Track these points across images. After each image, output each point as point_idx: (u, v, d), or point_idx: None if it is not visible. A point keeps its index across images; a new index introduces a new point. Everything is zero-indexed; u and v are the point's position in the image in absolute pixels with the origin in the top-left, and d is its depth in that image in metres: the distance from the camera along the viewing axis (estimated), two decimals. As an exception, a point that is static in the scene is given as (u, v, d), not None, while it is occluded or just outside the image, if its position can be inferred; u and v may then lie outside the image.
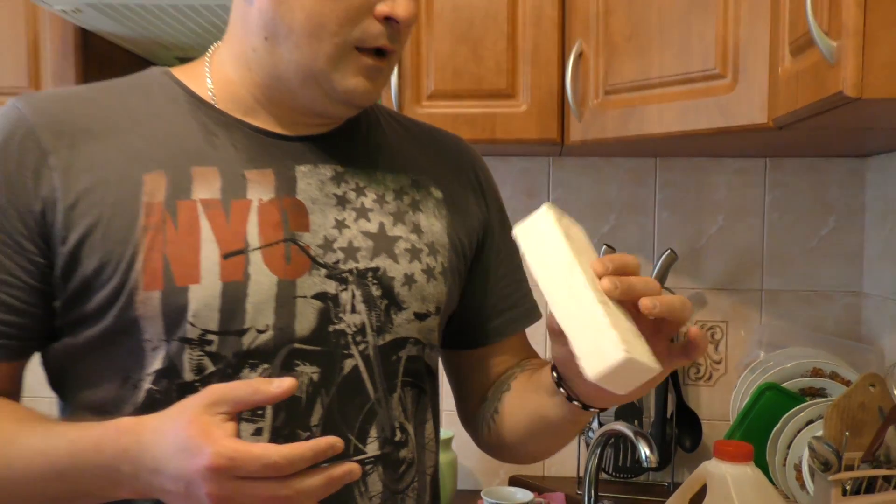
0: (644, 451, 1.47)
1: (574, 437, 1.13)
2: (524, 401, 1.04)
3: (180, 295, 0.88)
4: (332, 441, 0.75)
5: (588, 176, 2.04)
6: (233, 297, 0.89)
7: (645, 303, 0.76)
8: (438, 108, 1.67)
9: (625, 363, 0.72)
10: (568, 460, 1.97)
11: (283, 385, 0.76)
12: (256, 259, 0.90)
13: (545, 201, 1.41)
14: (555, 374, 0.92)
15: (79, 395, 0.94)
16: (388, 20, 0.91)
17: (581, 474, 1.89)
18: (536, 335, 1.18)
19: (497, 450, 1.13)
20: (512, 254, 1.16)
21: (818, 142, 1.70)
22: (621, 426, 1.62)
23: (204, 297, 0.88)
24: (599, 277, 0.78)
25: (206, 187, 0.91)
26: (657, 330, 0.82)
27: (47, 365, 0.97)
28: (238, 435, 0.77)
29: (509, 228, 1.11)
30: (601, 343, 0.74)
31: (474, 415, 1.15)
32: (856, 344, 1.91)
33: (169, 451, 0.77)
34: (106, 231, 0.88)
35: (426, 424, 1.04)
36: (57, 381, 0.98)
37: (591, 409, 0.91)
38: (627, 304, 0.79)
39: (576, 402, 0.90)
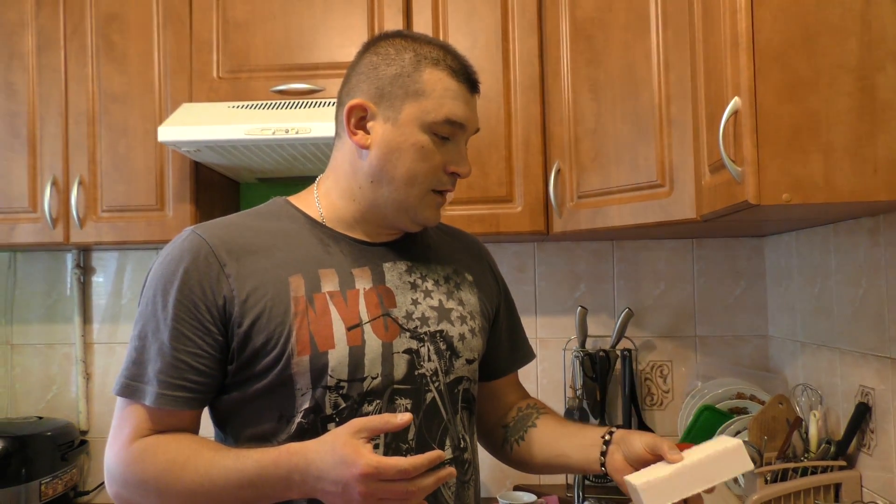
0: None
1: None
2: (553, 442, 1.14)
3: (322, 357, 0.98)
4: (439, 454, 0.88)
5: (563, 255, 2.10)
6: (356, 356, 0.99)
7: None
8: (457, 211, 1.78)
9: None
10: (558, 471, 2.03)
11: (403, 418, 0.88)
12: (368, 329, 1.01)
13: (532, 275, 1.55)
14: (602, 458, 1.05)
15: (243, 431, 1.02)
16: (453, 174, 1.06)
17: (570, 481, 1.95)
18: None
19: (516, 463, 1.21)
20: (513, 315, 1.29)
21: (730, 227, 1.77)
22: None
23: (338, 357, 0.98)
24: None
25: (330, 283, 1.02)
26: None
27: (215, 410, 1.05)
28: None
29: (510, 296, 1.29)
30: None
31: (491, 431, 1.24)
32: (766, 373, 1.96)
33: (329, 463, 0.88)
34: (269, 317, 0.97)
35: (475, 436, 1.15)
36: (222, 421, 1.05)
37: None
38: None
39: (603, 468, 1.05)
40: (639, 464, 1.01)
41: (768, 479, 1.51)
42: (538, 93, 1.80)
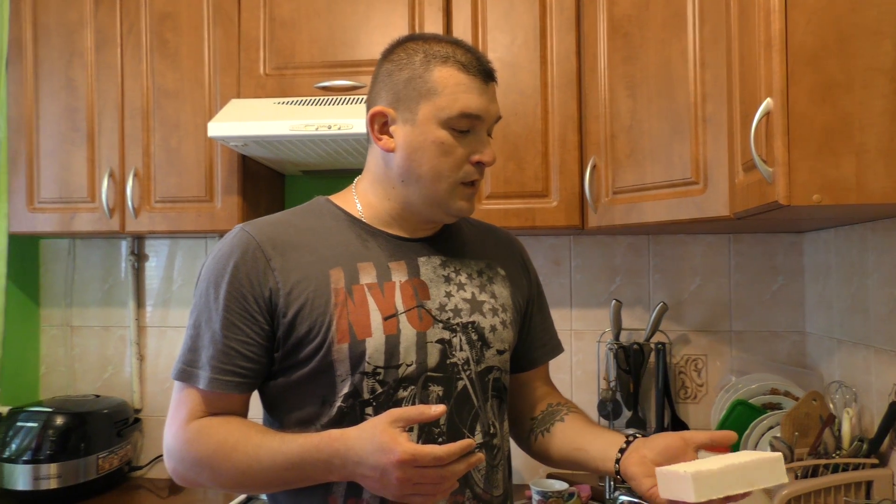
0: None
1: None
2: (575, 436, 1.15)
3: (360, 345, 1.02)
4: (470, 442, 0.92)
5: (599, 249, 2.12)
6: (392, 345, 1.03)
7: None
8: (494, 206, 1.81)
9: None
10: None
11: (437, 410, 0.93)
12: (403, 319, 1.05)
13: (568, 268, 1.54)
14: (619, 455, 1.05)
15: (289, 414, 1.07)
16: (478, 164, 1.08)
17: (601, 470, 2.00)
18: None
19: (536, 454, 1.23)
20: (544, 309, 1.31)
21: (767, 224, 1.76)
22: (633, 430, 1.74)
23: (375, 345, 1.03)
24: None
25: (368, 275, 1.06)
26: None
27: (264, 396, 1.10)
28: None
29: (542, 291, 1.30)
30: None
31: (520, 420, 1.27)
32: (801, 370, 1.95)
33: (368, 449, 0.92)
34: (311, 308, 1.03)
35: (505, 423, 1.18)
36: (270, 405, 1.10)
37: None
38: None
39: (617, 466, 1.05)
40: (662, 457, 1.01)
41: (798, 474, 1.52)
42: (575, 89, 1.81)
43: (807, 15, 1.11)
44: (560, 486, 1.82)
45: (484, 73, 1.08)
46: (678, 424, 1.99)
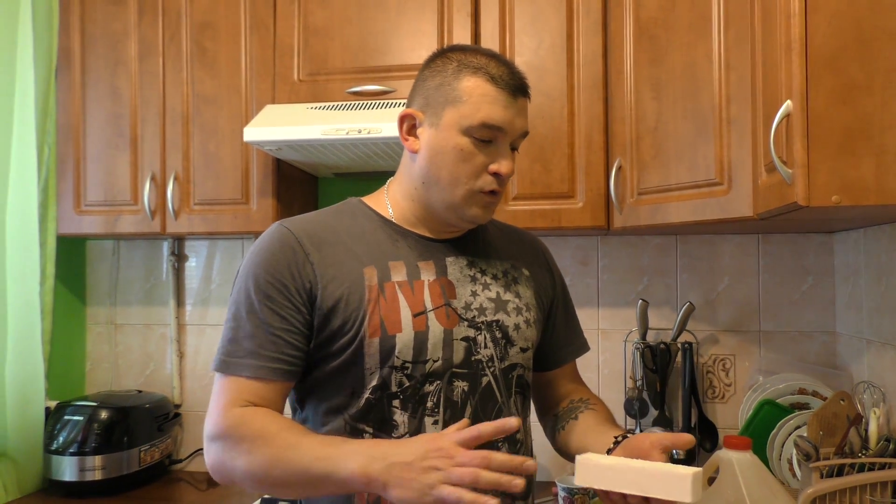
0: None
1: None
2: (583, 434, 1.17)
3: (391, 340, 1.06)
4: (513, 422, 0.93)
5: (626, 249, 2.13)
6: (420, 340, 1.07)
7: None
8: (520, 206, 1.84)
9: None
10: (618, 459, 2.05)
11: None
12: (431, 317, 1.09)
13: (595, 268, 1.54)
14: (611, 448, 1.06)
15: (319, 405, 1.11)
16: (496, 175, 1.10)
17: (628, 468, 2.02)
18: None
19: (558, 450, 1.26)
20: (569, 309, 1.34)
21: (796, 224, 1.76)
22: (657, 430, 1.76)
23: (404, 340, 1.07)
24: None
25: (398, 274, 1.10)
26: None
27: (297, 387, 1.13)
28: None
29: (566, 290, 1.33)
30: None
31: (545, 415, 1.31)
32: (831, 370, 1.94)
33: (413, 444, 0.93)
34: (347, 303, 1.07)
35: (528, 419, 1.22)
36: (301, 396, 1.14)
37: None
38: None
39: None
40: (630, 455, 1.01)
41: (824, 473, 1.51)
42: (601, 92, 1.83)
43: (827, 18, 1.13)
44: (586, 483, 1.83)
45: (513, 87, 1.09)
46: (705, 423, 2.00)
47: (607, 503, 0.99)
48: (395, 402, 1.07)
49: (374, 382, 1.07)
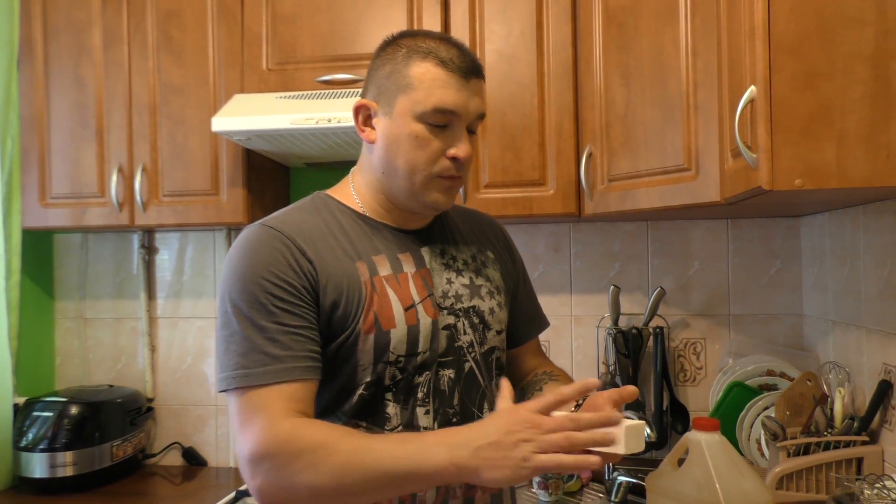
0: (646, 430, 1.64)
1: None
2: None
3: (386, 335, 1.05)
4: (594, 381, 0.94)
5: (598, 236, 2.15)
6: (413, 334, 1.08)
7: None
8: (492, 194, 1.85)
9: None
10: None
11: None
12: (420, 309, 1.09)
13: (567, 255, 1.54)
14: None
15: (316, 399, 1.05)
16: (454, 159, 1.08)
17: (602, 452, 2.04)
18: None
19: None
20: (528, 286, 1.35)
21: (764, 208, 1.78)
22: (630, 414, 1.77)
23: (399, 336, 1.06)
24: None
25: (384, 268, 1.09)
26: None
27: None
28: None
29: (525, 269, 1.34)
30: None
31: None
32: (798, 352, 1.98)
33: (492, 423, 0.91)
34: (346, 301, 1.05)
35: None
36: None
37: None
38: None
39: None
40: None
41: (791, 452, 1.56)
42: (571, 79, 1.84)
43: (789, 5, 1.14)
44: (561, 467, 1.85)
45: (464, 69, 1.07)
46: (677, 406, 2.04)
47: None
48: (388, 396, 1.07)
49: (368, 378, 1.06)
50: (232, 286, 1.02)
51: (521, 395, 1.27)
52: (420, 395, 1.09)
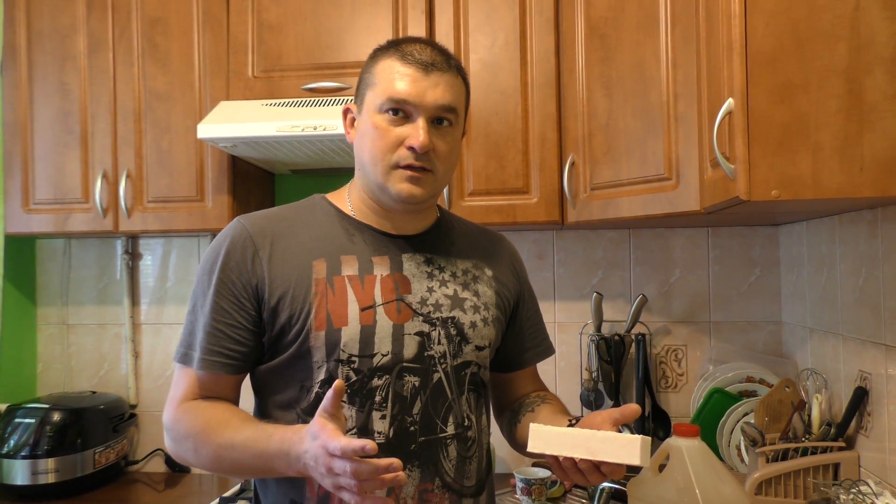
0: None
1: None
2: (540, 422, 1.16)
3: (336, 333, 1.07)
4: (369, 444, 0.87)
5: (581, 243, 2.17)
6: (367, 334, 1.08)
7: None
8: (476, 202, 1.87)
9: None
10: (574, 449, 2.09)
11: (337, 385, 0.93)
12: (380, 311, 1.10)
13: (551, 262, 1.55)
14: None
15: (271, 398, 1.12)
16: (411, 148, 1.08)
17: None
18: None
19: (515, 444, 1.27)
20: (535, 313, 1.34)
21: (744, 217, 1.80)
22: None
23: (350, 334, 1.07)
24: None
25: (350, 268, 1.11)
26: None
27: (252, 379, 1.16)
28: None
29: (533, 294, 1.34)
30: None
31: (502, 414, 1.32)
32: (777, 358, 2.01)
33: (307, 438, 0.94)
34: (293, 296, 1.08)
35: (483, 417, 1.21)
36: (257, 388, 1.16)
37: None
38: None
39: None
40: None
41: (770, 458, 1.58)
42: (554, 89, 1.86)
43: (765, 19, 1.17)
44: (543, 473, 1.87)
45: (423, 62, 1.09)
46: (658, 413, 2.05)
47: (559, 472, 1.02)
48: (343, 397, 1.07)
49: (321, 376, 1.08)
50: (199, 269, 1.15)
51: (511, 416, 1.28)
52: (378, 399, 1.09)
